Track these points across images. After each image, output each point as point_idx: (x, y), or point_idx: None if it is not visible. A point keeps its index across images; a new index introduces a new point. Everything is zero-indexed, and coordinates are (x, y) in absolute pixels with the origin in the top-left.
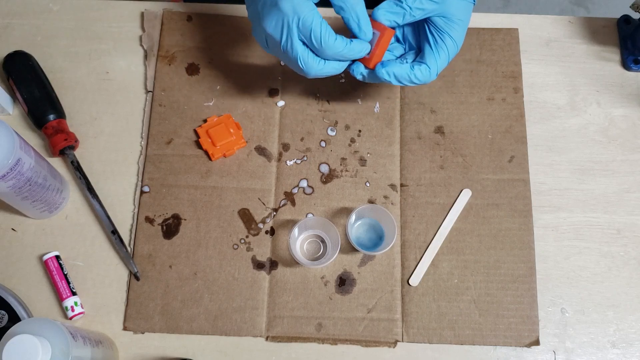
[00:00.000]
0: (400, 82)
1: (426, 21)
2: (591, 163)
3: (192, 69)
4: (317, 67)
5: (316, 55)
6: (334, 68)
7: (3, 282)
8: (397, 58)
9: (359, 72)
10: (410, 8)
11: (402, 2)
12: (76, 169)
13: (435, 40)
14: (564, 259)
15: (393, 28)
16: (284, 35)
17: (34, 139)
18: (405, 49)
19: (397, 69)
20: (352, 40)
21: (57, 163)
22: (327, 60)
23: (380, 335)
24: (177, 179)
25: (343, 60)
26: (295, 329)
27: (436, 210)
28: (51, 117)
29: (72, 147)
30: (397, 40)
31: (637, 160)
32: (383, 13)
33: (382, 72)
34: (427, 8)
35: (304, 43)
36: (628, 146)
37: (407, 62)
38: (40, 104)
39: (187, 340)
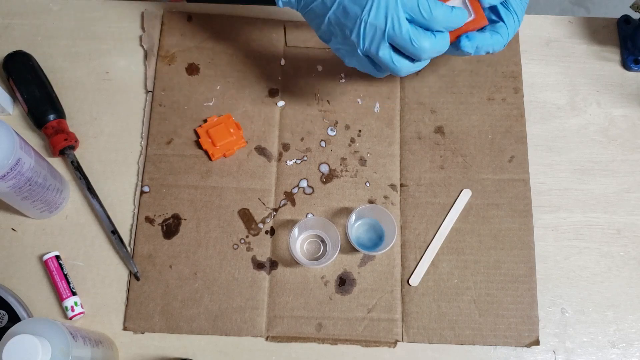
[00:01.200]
0: (478, 52)
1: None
2: (591, 163)
3: (192, 69)
4: (428, 42)
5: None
6: (442, 43)
7: (3, 282)
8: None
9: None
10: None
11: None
12: (76, 169)
13: (509, 14)
14: (564, 259)
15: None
16: (388, 18)
17: (34, 139)
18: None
19: (480, 41)
20: (453, 8)
21: (57, 163)
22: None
23: (380, 335)
24: (177, 179)
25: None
26: (295, 329)
27: (436, 210)
28: (51, 117)
29: (72, 147)
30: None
31: (637, 160)
32: None
33: (467, 45)
34: None
35: (409, 21)
36: (628, 146)
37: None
38: (40, 104)
39: (187, 340)
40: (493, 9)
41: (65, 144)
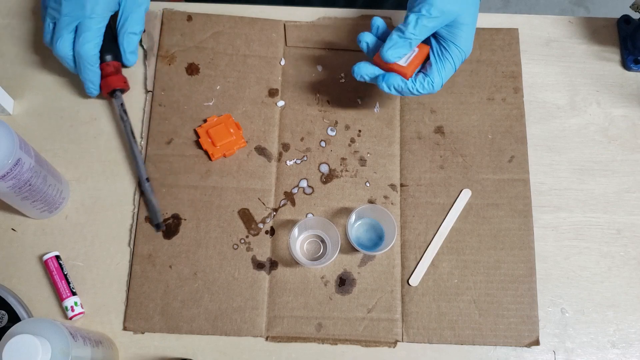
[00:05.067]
0: (402, 94)
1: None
2: (591, 163)
3: (192, 69)
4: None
5: None
6: None
7: (3, 282)
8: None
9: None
10: (414, 34)
11: (404, 33)
12: (124, 111)
13: (440, 50)
14: (564, 259)
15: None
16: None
17: (34, 139)
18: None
19: (399, 84)
20: None
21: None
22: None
23: (380, 335)
24: (177, 179)
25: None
26: (295, 329)
27: (436, 210)
28: (110, 57)
29: (123, 91)
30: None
31: (637, 160)
32: (391, 53)
33: (384, 86)
34: (429, 25)
35: None
36: (628, 146)
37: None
38: (108, 41)
39: (187, 340)
40: (430, 45)
41: (120, 85)
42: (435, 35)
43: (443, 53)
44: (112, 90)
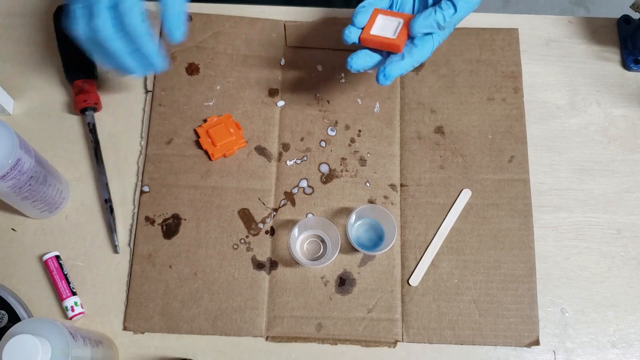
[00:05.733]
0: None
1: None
2: (591, 163)
3: (192, 69)
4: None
5: None
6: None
7: (3, 282)
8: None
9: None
10: (444, 19)
11: (436, 13)
12: (90, 131)
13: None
14: (564, 259)
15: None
16: None
17: (34, 139)
18: None
19: (397, 70)
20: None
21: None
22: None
23: (380, 335)
24: (177, 179)
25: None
26: (295, 329)
27: (436, 210)
28: (82, 75)
29: (94, 109)
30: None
31: (637, 160)
32: (419, 26)
33: (382, 79)
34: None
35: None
36: (628, 146)
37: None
38: (76, 60)
39: (187, 340)
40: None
41: (85, 104)
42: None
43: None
44: (83, 108)
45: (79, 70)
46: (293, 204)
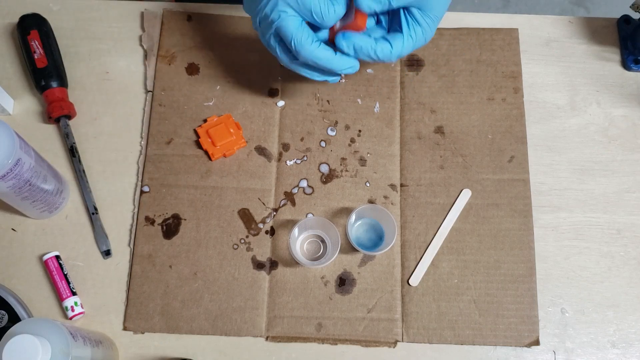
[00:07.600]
0: (358, 54)
1: (404, 8)
2: (591, 163)
3: (192, 69)
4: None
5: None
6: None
7: (3, 282)
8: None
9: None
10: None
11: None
12: (67, 135)
13: (408, 26)
14: (564, 259)
15: (369, 14)
16: (274, 11)
17: (34, 138)
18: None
19: (358, 40)
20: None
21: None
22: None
23: (380, 335)
24: (177, 179)
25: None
26: (295, 329)
27: (436, 210)
28: (53, 84)
29: (68, 117)
30: (378, 22)
31: (637, 160)
32: (367, 2)
33: (342, 44)
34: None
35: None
36: (628, 146)
37: (371, 37)
38: (45, 69)
39: (187, 340)
40: (397, 20)
41: (61, 112)
42: (406, 12)
43: (410, 29)
44: (58, 117)
45: (52, 79)
46: (293, 204)
